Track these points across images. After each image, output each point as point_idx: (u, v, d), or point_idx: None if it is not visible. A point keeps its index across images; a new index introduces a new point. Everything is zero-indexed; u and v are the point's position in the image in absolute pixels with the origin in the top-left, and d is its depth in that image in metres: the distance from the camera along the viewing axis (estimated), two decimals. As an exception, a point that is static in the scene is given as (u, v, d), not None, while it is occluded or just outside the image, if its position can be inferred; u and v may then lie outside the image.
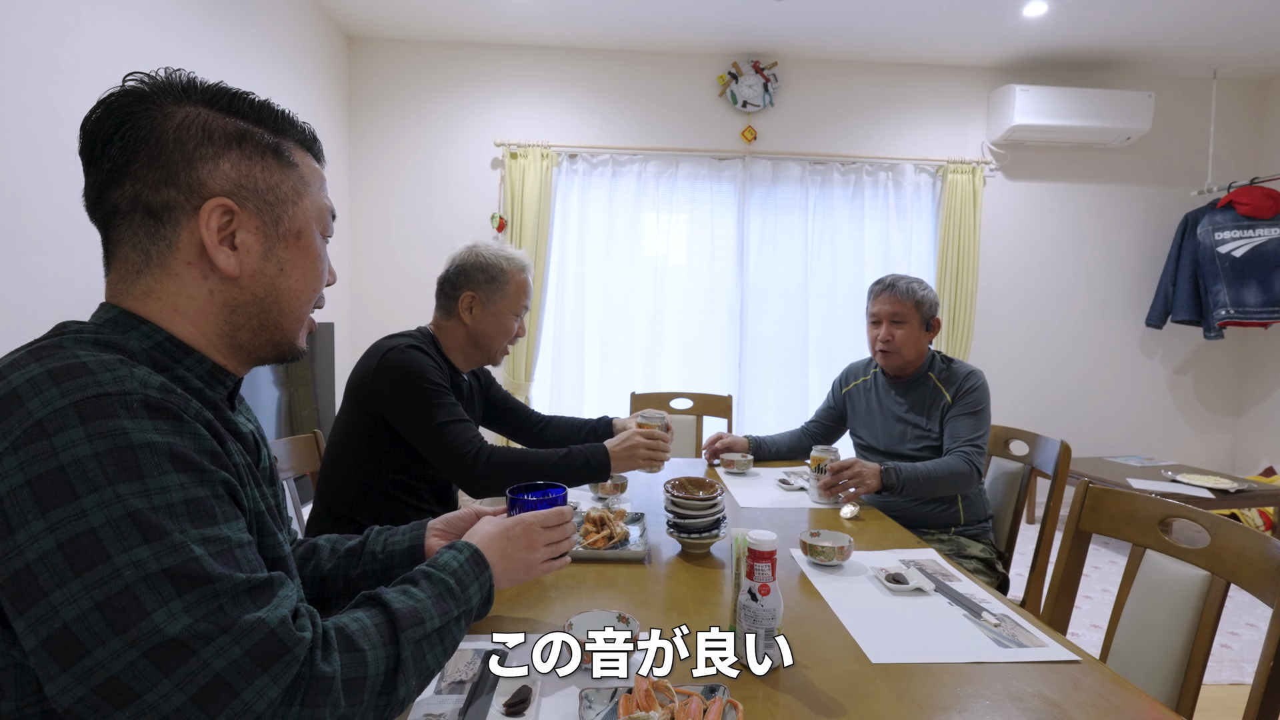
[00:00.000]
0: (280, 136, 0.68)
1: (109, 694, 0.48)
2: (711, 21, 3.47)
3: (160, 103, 0.63)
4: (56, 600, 0.48)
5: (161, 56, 2.23)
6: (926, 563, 1.28)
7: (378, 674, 0.60)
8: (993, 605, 1.09)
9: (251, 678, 0.51)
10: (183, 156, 0.62)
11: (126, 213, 0.62)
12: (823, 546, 1.24)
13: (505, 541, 0.85)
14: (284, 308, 0.69)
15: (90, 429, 0.50)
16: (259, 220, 0.66)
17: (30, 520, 0.48)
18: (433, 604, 0.68)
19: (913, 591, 1.13)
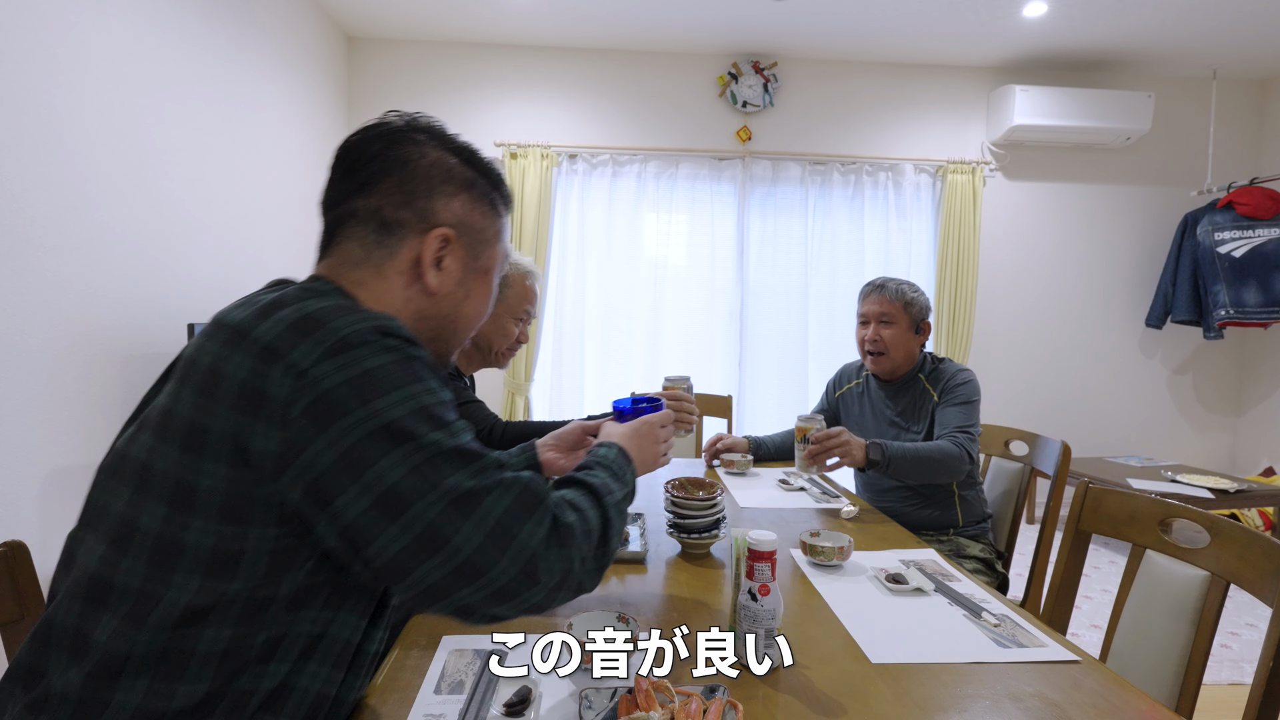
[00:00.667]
0: (495, 190, 0.83)
1: (426, 541, 0.61)
2: (711, 22, 3.47)
3: (417, 140, 0.77)
4: (383, 466, 0.60)
5: (162, 57, 2.23)
6: (926, 563, 1.28)
7: (596, 529, 0.73)
8: (993, 605, 1.08)
9: (523, 521, 0.65)
10: (426, 188, 0.76)
11: (363, 219, 0.75)
12: (823, 546, 1.24)
13: (637, 439, 0.98)
14: (457, 328, 0.83)
15: (385, 343, 0.64)
16: (465, 253, 0.79)
17: (354, 408, 0.61)
18: (612, 481, 0.82)
19: (912, 591, 1.13)
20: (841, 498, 1.76)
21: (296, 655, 0.65)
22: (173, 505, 0.61)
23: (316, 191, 0.78)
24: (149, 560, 0.61)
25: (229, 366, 0.62)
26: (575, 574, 0.70)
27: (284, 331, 0.62)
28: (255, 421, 0.60)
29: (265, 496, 0.61)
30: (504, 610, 0.66)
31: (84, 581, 0.63)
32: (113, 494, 0.65)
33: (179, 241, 2.34)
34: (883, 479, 1.90)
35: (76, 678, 0.60)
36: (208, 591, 0.60)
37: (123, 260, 2.07)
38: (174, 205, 2.31)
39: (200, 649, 0.61)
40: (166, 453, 0.62)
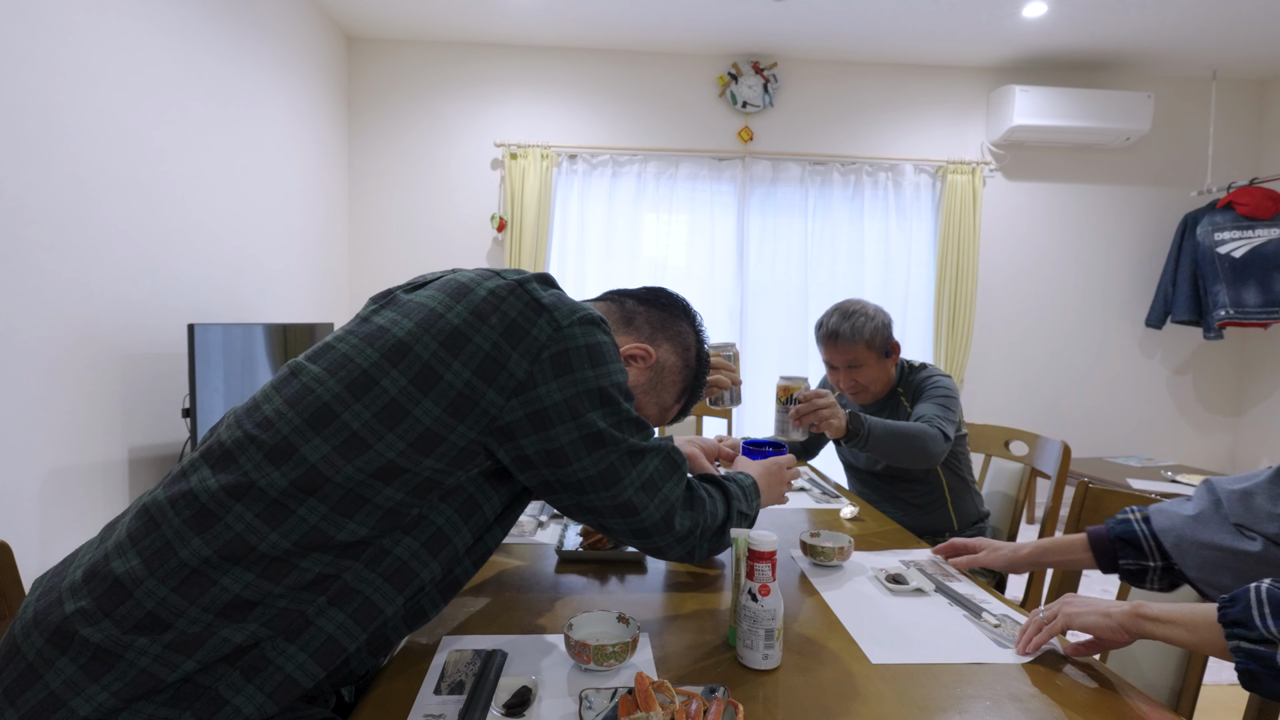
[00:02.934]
0: (691, 395, 1.09)
1: (607, 476, 0.82)
2: (711, 22, 3.47)
3: (690, 319, 1.07)
4: (594, 416, 0.80)
5: (161, 57, 2.23)
6: (926, 563, 1.28)
7: (719, 516, 0.97)
8: (993, 605, 1.08)
9: (666, 479, 0.88)
10: (670, 335, 1.03)
11: (626, 308, 1.03)
12: (823, 547, 1.24)
13: (768, 477, 1.17)
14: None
15: (605, 328, 0.85)
16: (648, 379, 1.02)
17: (585, 368, 0.80)
18: (740, 496, 1.03)
19: (913, 592, 1.13)
20: (841, 498, 1.76)
21: (426, 540, 0.78)
22: (414, 383, 0.74)
23: (316, 191, 0.79)
24: (377, 414, 0.73)
25: (505, 305, 0.79)
26: (696, 537, 0.92)
27: (553, 299, 0.82)
28: (513, 350, 0.77)
29: (486, 407, 0.76)
30: (638, 542, 0.89)
31: (310, 404, 0.75)
32: (360, 351, 0.77)
33: (179, 241, 2.34)
34: (873, 491, 1.90)
35: (281, 481, 0.72)
36: (408, 457, 0.74)
37: (123, 260, 2.07)
38: (174, 205, 2.31)
39: (376, 500, 0.74)
40: (427, 342, 0.75)
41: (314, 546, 0.72)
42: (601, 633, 0.91)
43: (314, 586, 0.73)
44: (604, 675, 0.85)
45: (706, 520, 0.93)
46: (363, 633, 0.76)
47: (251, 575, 0.70)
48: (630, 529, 0.86)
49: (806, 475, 1.99)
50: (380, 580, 0.76)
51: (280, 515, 0.71)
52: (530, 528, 1.45)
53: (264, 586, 0.70)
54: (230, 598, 0.70)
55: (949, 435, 1.64)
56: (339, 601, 0.74)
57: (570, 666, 0.87)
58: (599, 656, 0.84)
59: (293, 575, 0.71)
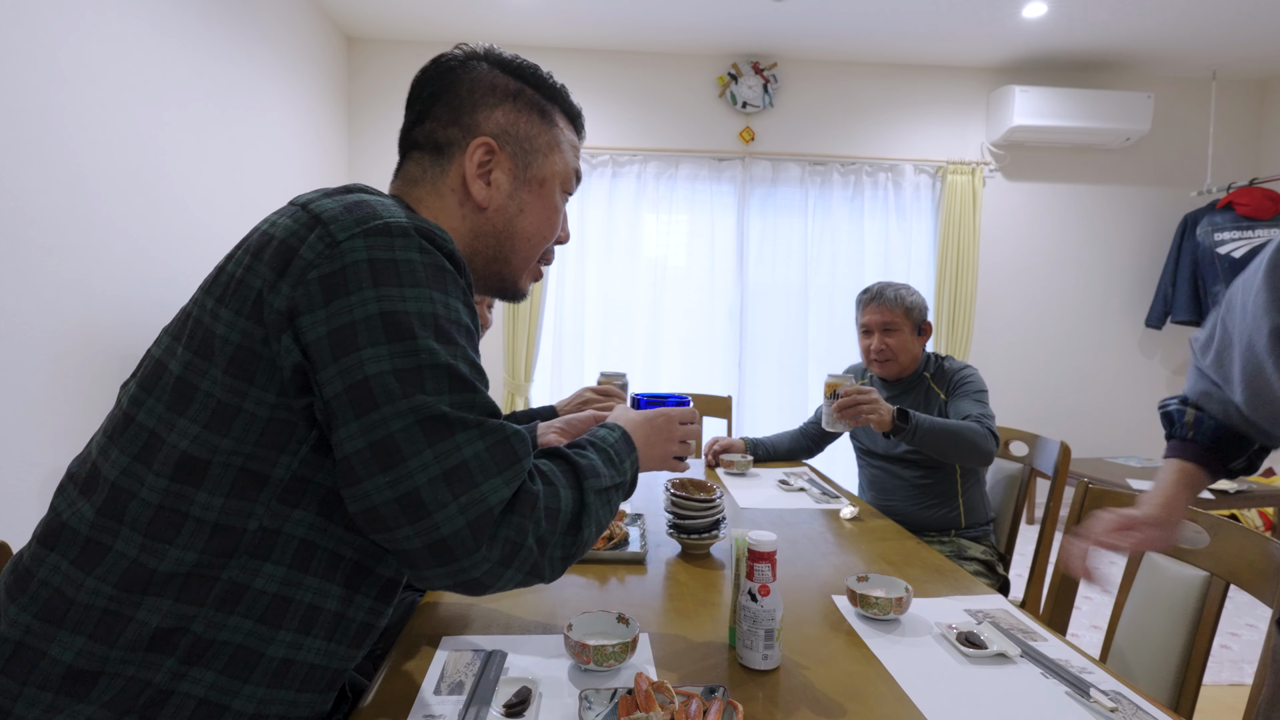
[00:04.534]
0: (549, 101, 0.82)
1: (382, 452, 0.57)
2: (711, 22, 3.47)
3: (468, 64, 0.78)
4: (366, 355, 0.58)
5: (162, 58, 2.23)
6: (998, 614, 1.05)
7: (568, 510, 0.67)
8: (1099, 678, 0.86)
9: (490, 474, 0.60)
10: (470, 104, 0.77)
11: (421, 145, 0.78)
12: (876, 597, 1.02)
13: (649, 429, 0.88)
14: (516, 245, 0.81)
15: (423, 244, 0.63)
16: (512, 163, 0.78)
17: (364, 288, 0.59)
18: (603, 464, 0.75)
19: (994, 658, 0.91)
20: (841, 498, 1.76)
21: (291, 559, 0.63)
22: (197, 352, 0.62)
23: None
24: (167, 402, 0.62)
25: (278, 230, 0.64)
26: (527, 552, 0.62)
27: (339, 208, 0.64)
28: (279, 279, 0.61)
29: (270, 356, 0.60)
30: (439, 575, 0.59)
31: (112, 419, 0.66)
32: (158, 342, 0.68)
33: (179, 241, 2.34)
34: (888, 477, 1.91)
35: (89, 512, 0.61)
36: (203, 443, 0.60)
37: (123, 260, 2.07)
38: (174, 205, 2.31)
39: (194, 513, 0.60)
40: (205, 303, 0.64)
41: (141, 588, 0.59)
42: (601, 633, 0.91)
43: (157, 645, 0.59)
44: (604, 675, 0.85)
45: (542, 524, 0.64)
46: (259, 688, 0.63)
47: (81, 639, 0.58)
48: (423, 544, 0.58)
49: (806, 475, 1.99)
50: (250, 623, 0.62)
51: (94, 555, 0.59)
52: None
53: (97, 651, 0.58)
54: (63, 671, 0.57)
55: (997, 438, 1.71)
56: (198, 659, 0.60)
57: (570, 667, 0.87)
58: (599, 657, 0.84)
59: (128, 633, 0.59)
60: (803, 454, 2.19)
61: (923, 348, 1.93)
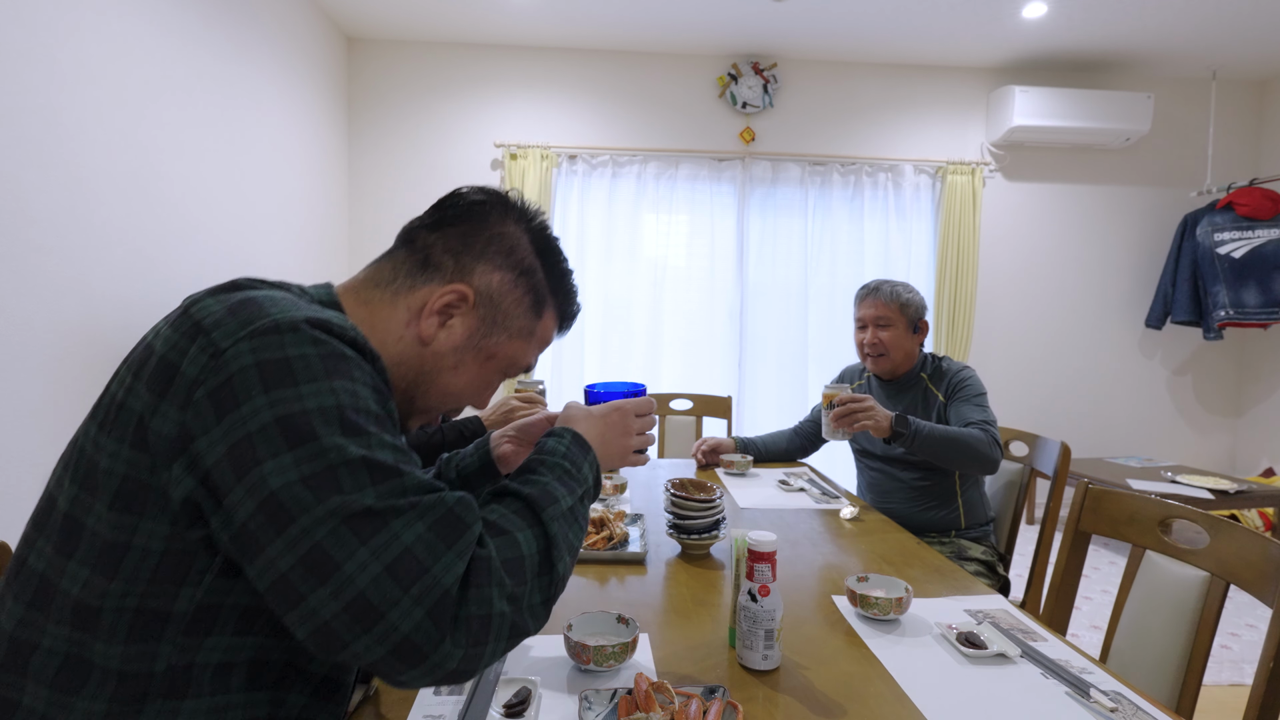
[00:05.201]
0: (552, 295, 0.80)
1: (314, 565, 0.52)
2: (711, 22, 3.47)
3: (507, 211, 0.77)
4: (269, 469, 0.53)
5: (162, 58, 2.23)
6: (998, 614, 1.06)
7: (533, 553, 0.62)
8: (1099, 678, 0.87)
9: (438, 554, 0.55)
10: (480, 251, 0.75)
11: (415, 248, 0.75)
12: (876, 598, 1.03)
13: (603, 426, 0.83)
14: (430, 394, 0.76)
15: (317, 335, 0.58)
16: (476, 322, 0.75)
17: (255, 396, 0.55)
18: (558, 485, 0.69)
19: (994, 658, 0.92)
20: (841, 498, 1.76)
21: (211, 687, 0.58)
22: (82, 486, 0.58)
23: (316, 191, 0.79)
24: (56, 544, 0.57)
25: (159, 341, 0.59)
26: (500, 619, 0.57)
27: (222, 311, 0.58)
28: (160, 400, 0.56)
29: (160, 486, 0.55)
30: (415, 677, 0.54)
31: (10, 565, 0.61)
32: (53, 471, 0.63)
33: (179, 242, 2.34)
34: (887, 479, 1.91)
35: None
36: (94, 588, 0.55)
37: (123, 261, 2.07)
38: (174, 206, 2.31)
39: (96, 661, 0.55)
40: (89, 430, 0.60)
41: None
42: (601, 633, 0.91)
43: None
44: (604, 676, 0.85)
45: (506, 583, 0.58)
46: None
47: None
48: (387, 650, 0.53)
49: (806, 475, 1.99)
50: None
51: (3, 712, 0.56)
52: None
53: None
54: None
55: (1000, 446, 1.71)
56: None
57: (570, 667, 0.87)
58: (599, 657, 0.84)
59: None
60: (798, 453, 2.19)
61: (918, 346, 1.92)
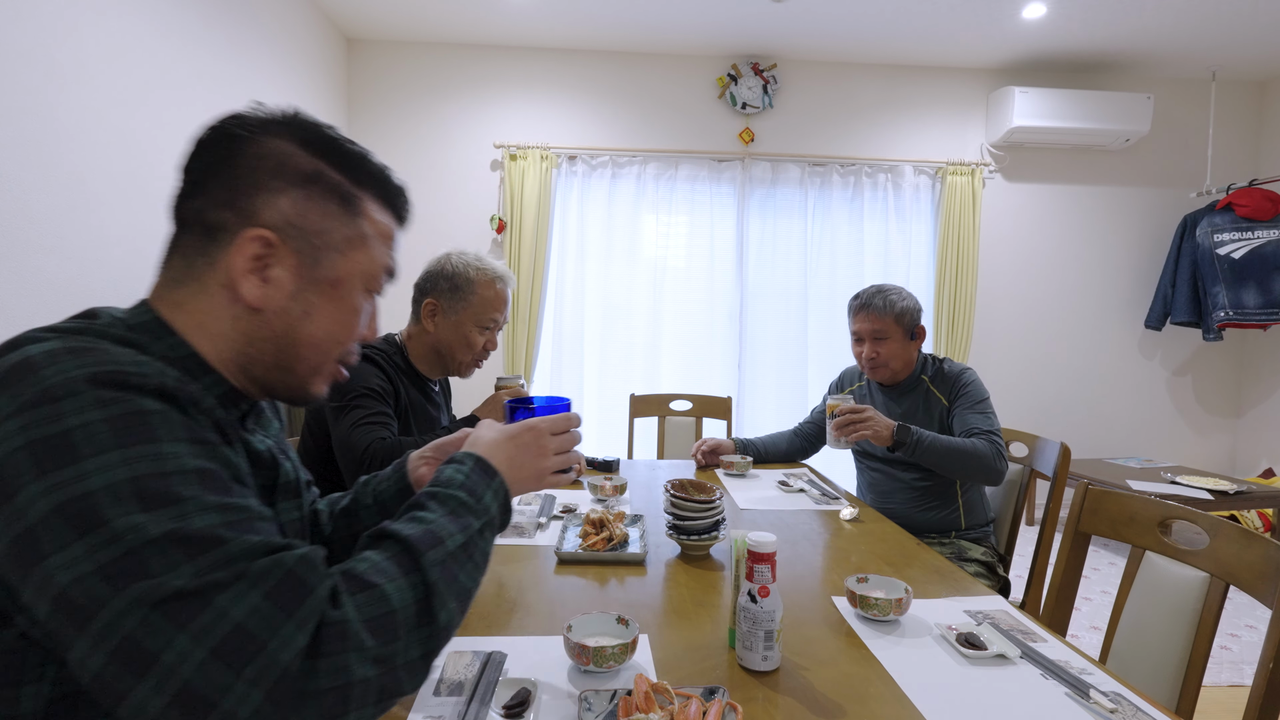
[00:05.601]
0: (357, 185, 0.68)
1: (128, 659, 0.46)
2: (711, 23, 3.47)
3: (259, 130, 0.64)
4: (55, 564, 0.46)
5: (161, 58, 2.23)
6: (998, 614, 1.06)
7: (407, 605, 0.56)
8: (1098, 679, 0.87)
9: (276, 625, 0.48)
10: (251, 186, 0.63)
11: (189, 224, 0.64)
12: (875, 598, 1.02)
13: (512, 448, 0.75)
14: (301, 353, 0.67)
15: (104, 394, 0.50)
16: (297, 259, 0.65)
17: (29, 482, 0.47)
18: (448, 521, 0.63)
19: (994, 659, 0.92)
20: (841, 499, 1.76)
21: None
22: None
23: None
24: None
25: None
26: (363, 686, 0.51)
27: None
28: None
29: None
30: None
31: None
32: None
33: (178, 242, 2.34)
34: (887, 480, 1.91)
35: None
36: None
37: (122, 261, 2.07)
38: (173, 206, 2.31)
39: None
40: None
41: None
42: (601, 634, 0.91)
43: None
44: (603, 677, 0.85)
45: (371, 643, 0.52)
46: None
47: None
48: None
49: (805, 476, 1.99)
50: None
51: None
52: (530, 530, 1.45)
53: None
54: None
55: (1005, 455, 1.72)
56: None
57: (570, 668, 0.86)
58: (598, 658, 0.84)
59: None
60: (798, 454, 2.19)
61: (917, 351, 1.91)
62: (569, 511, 1.56)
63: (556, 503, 1.64)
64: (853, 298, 1.93)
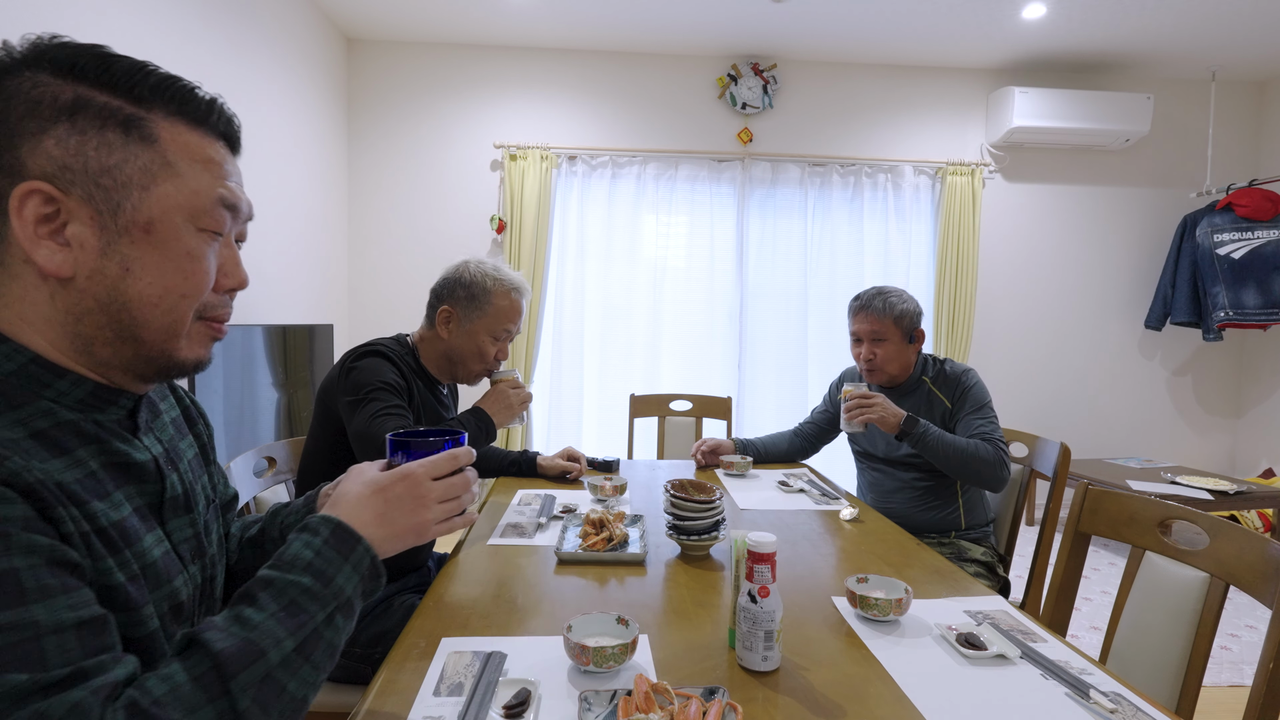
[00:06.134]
0: (141, 106, 0.56)
1: None
2: (711, 23, 3.47)
3: (5, 74, 0.54)
4: None
5: (161, 58, 2.23)
6: (998, 615, 1.06)
7: None
8: (1098, 679, 0.87)
9: None
10: (10, 135, 0.52)
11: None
12: (875, 599, 1.02)
13: (383, 504, 0.65)
14: (137, 316, 0.56)
15: None
16: (91, 209, 0.53)
17: None
18: (278, 623, 0.54)
19: (994, 659, 0.91)
20: (841, 499, 1.76)
21: None
22: None
23: (316, 192, 0.76)
24: None
25: None
26: None
27: None
28: None
29: None
30: None
31: None
32: None
33: (178, 243, 2.34)
34: (888, 480, 1.91)
35: None
36: None
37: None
38: (173, 206, 2.31)
39: None
40: None
41: None
42: (601, 634, 0.91)
43: None
44: (603, 677, 0.85)
45: None
46: None
47: None
48: None
49: (805, 476, 1.99)
50: None
51: None
52: (530, 530, 1.45)
53: None
54: None
55: (1007, 460, 1.73)
56: None
57: (570, 668, 0.86)
58: (598, 658, 0.84)
59: None
60: (798, 454, 2.19)
61: (915, 355, 1.91)
62: (569, 511, 1.56)
63: (556, 503, 1.64)
64: (853, 299, 1.93)
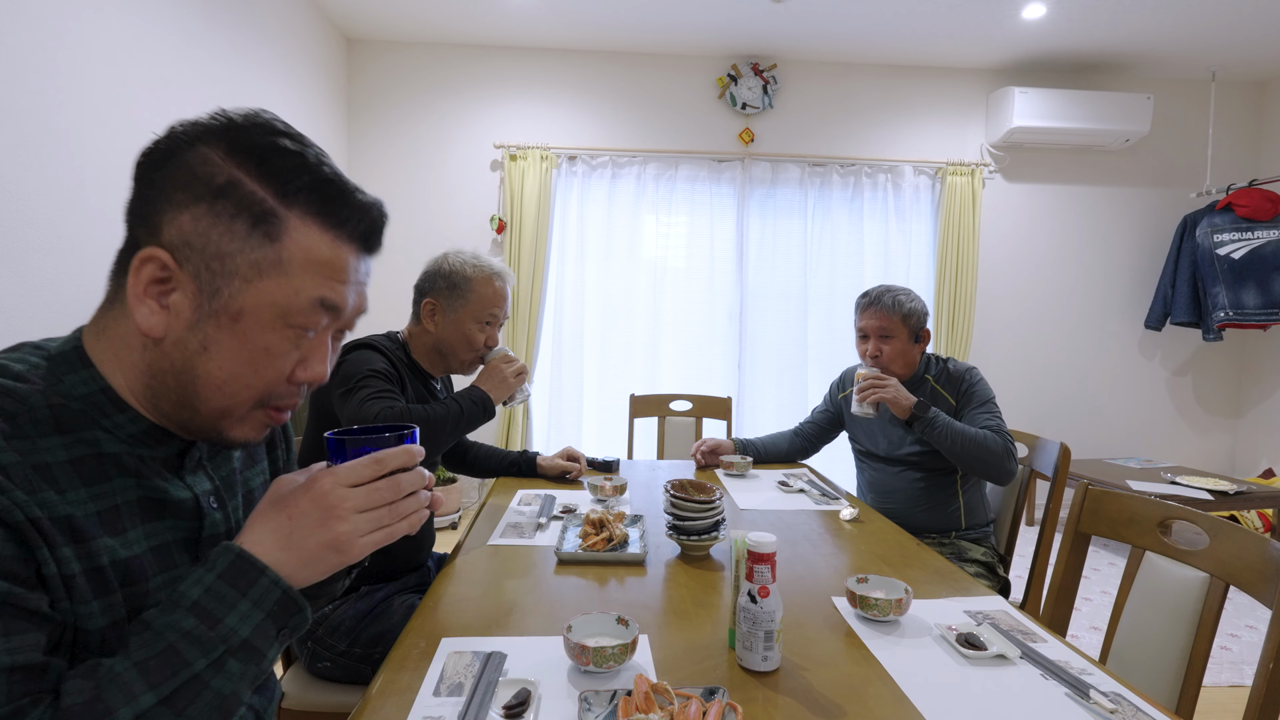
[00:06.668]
0: (283, 202, 0.58)
1: None
2: (711, 23, 3.47)
3: (191, 141, 0.57)
4: None
5: (161, 59, 2.23)
6: (998, 615, 1.06)
7: None
8: (1098, 679, 0.87)
9: None
10: (164, 197, 0.56)
11: (126, 243, 0.59)
12: (875, 599, 1.02)
13: (286, 522, 0.57)
14: (199, 391, 0.58)
15: None
16: (196, 285, 0.56)
17: None
18: (140, 674, 0.49)
19: (994, 659, 0.92)
20: (841, 499, 1.76)
21: None
22: None
23: None
24: None
25: None
26: None
27: None
28: None
29: None
30: None
31: None
32: None
33: (178, 243, 2.34)
34: (888, 480, 1.91)
35: None
36: None
37: (122, 262, 2.07)
38: (173, 207, 2.31)
39: None
40: None
41: None
42: (601, 634, 0.91)
43: None
44: (603, 677, 0.85)
45: None
46: None
47: None
48: None
49: (805, 477, 1.99)
50: None
51: None
52: (530, 530, 1.45)
53: None
54: None
55: (1014, 452, 1.73)
56: None
57: (570, 668, 0.87)
58: (598, 658, 0.84)
59: None
60: (798, 455, 2.19)
61: (920, 353, 1.91)
62: (569, 512, 1.57)
63: (556, 503, 1.64)
64: (861, 295, 1.94)
